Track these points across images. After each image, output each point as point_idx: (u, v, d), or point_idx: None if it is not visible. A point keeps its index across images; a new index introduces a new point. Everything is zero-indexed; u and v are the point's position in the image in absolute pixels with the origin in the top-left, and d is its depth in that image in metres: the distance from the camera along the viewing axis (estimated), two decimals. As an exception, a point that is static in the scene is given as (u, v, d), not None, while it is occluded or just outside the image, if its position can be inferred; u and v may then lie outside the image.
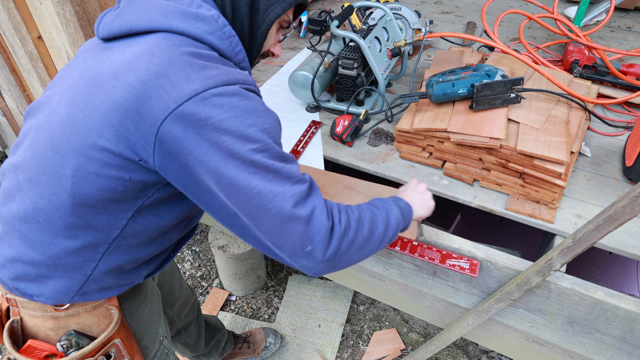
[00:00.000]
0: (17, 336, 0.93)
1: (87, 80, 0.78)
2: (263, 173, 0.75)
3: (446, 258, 1.22)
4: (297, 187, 0.78)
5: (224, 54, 0.82)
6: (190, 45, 0.77)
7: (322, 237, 0.79)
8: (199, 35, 0.79)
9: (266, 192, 0.75)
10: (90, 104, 0.76)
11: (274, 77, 1.89)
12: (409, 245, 1.25)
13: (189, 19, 0.78)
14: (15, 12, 1.74)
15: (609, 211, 0.85)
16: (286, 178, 0.77)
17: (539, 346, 1.32)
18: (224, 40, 0.82)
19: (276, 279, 2.35)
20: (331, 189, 1.37)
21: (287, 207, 0.76)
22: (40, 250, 0.85)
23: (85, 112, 0.76)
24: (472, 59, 1.68)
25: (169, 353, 1.18)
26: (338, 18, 1.51)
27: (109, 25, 0.82)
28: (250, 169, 0.74)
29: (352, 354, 2.02)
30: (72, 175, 0.78)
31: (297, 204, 0.77)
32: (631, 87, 1.63)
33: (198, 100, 0.72)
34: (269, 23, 0.88)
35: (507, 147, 1.23)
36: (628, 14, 2.39)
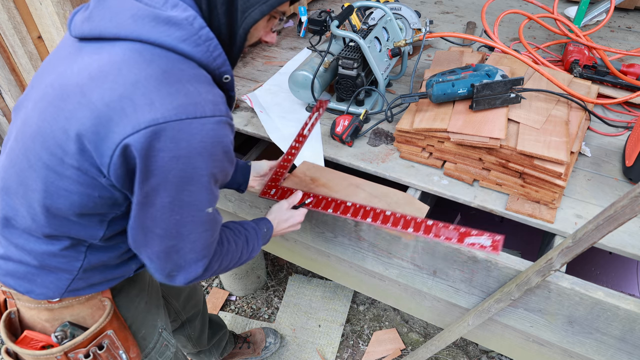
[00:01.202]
0: (15, 327, 0.95)
1: (56, 91, 0.77)
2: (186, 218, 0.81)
3: (464, 236, 1.15)
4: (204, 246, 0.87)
5: (200, 61, 0.77)
6: (162, 59, 0.73)
7: (189, 276, 0.88)
8: (171, 45, 0.74)
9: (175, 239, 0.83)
10: (57, 119, 0.75)
11: (274, 77, 1.89)
12: (423, 225, 1.17)
13: (160, 25, 0.73)
14: (15, 12, 1.74)
15: (609, 211, 0.85)
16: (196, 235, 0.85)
17: (539, 346, 1.32)
18: (200, 46, 0.76)
19: (276, 279, 2.35)
20: (336, 186, 1.37)
21: (192, 251, 0.85)
22: (25, 251, 0.87)
23: (53, 128, 0.75)
24: (472, 59, 1.68)
25: (169, 344, 1.18)
26: (338, 18, 1.51)
27: (79, 27, 0.78)
28: (173, 211, 0.79)
29: (352, 354, 2.02)
30: (44, 190, 0.79)
31: (200, 252, 0.86)
32: (631, 87, 1.63)
33: (156, 130, 0.70)
34: (247, 27, 0.82)
35: (507, 147, 1.23)
36: (628, 14, 2.39)
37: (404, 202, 1.31)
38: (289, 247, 1.69)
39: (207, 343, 1.71)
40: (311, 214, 1.41)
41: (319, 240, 1.49)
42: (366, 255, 1.41)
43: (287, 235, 1.61)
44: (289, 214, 1.20)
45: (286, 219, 1.19)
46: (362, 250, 1.41)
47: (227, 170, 0.83)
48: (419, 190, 1.37)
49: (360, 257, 1.44)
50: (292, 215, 1.20)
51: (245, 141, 2.02)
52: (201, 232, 0.83)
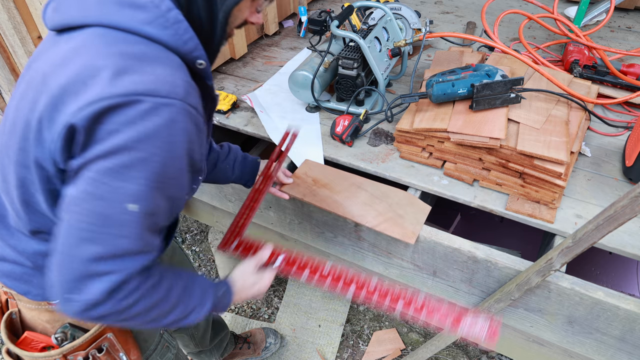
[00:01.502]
0: (16, 328, 0.94)
1: (28, 84, 0.75)
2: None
3: (458, 320, 0.96)
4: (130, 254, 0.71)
5: (168, 44, 0.72)
6: (123, 42, 0.69)
7: (86, 297, 0.69)
8: (134, 28, 0.70)
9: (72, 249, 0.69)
10: (24, 111, 0.73)
11: (274, 77, 1.89)
12: (412, 303, 0.99)
13: (125, 9, 0.70)
14: (15, 12, 1.74)
15: (609, 211, 0.85)
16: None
17: (539, 346, 1.32)
18: (168, 29, 0.71)
19: (276, 279, 2.35)
20: (337, 186, 1.37)
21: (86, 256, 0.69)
22: (18, 252, 0.86)
23: (20, 121, 0.74)
24: (472, 59, 1.68)
25: (170, 346, 1.18)
26: (338, 18, 1.51)
27: (50, 19, 0.76)
28: (94, 195, 0.67)
29: (352, 354, 2.02)
30: (20, 186, 0.77)
31: (105, 261, 0.69)
32: (631, 87, 1.63)
33: (100, 109, 0.64)
34: (228, 9, 0.77)
35: (507, 147, 1.23)
36: (628, 14, 2.39)
37: (406, 203, 1.31)
38: (289, 247, 1.69)
39: (209, 343, 1.71)
40: (311, 213, 1.41)
41: (319, 240, 1.49)
42: (366, 255, 1.41)
43: (287, 236, 1.61)
44: (255, 279, 1.00)
45: (251, 284, 0.99)
46: (362, 250, 1.41)
47: (177, 165, 0.71)
48: (419, 190, 1.37)
49: (360, 257, 1.44)
50: (259, 280, 1.00)
51: (245, 141, 2.02)
52: (115, 234, 0.68)
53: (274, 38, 2.24)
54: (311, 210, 1.39)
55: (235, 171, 1.26)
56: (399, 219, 1.27)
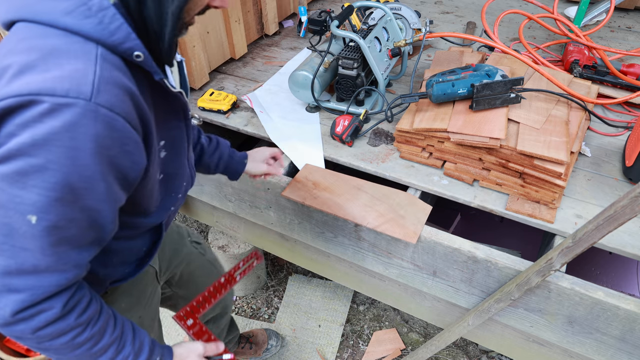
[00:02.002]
0: None
1: None
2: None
3: None
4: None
5: (90, 35, 0.63)
6: (36, 36, 0.62)
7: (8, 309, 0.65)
8: (52, 20, 0.62)
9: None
10: None
11: (274, 77, 1.89)
12: None
13: (46, 1, 0.63)
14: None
15: (609, 211, 0.85)
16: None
17: (539, 346, 1.32)
18: (89, 18, 0.62)
19: (276, 279, 2.35)
20: (338, 189, 1.37)
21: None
22: None
23: None
24: (472, 59, 1.68)
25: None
26: (338, 18, 1.51)
27: None
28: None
29: (352, 354, 2.02)
30: None
31: (6, 276, 0.64)
32: (631, 87, 1.63)
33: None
34: (180, 5, 0.68)
35: (507, 147, 1.23)
36: (628, 14, 2.39)
37: (406, 203, 1.31)
38: (289, 247, 1.69)
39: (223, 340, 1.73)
40: (311, 213, 1.41)
41: (319, 240, 1.49)
42: (366, 255, 1.41)
43: (287, 235, 1.61)
44: None
45: None
46: (362, 250, 1.41)
47: (85, 174, 0.62)
48: (419, 191, 1.37)
49: (360, 257, 1.44)
50: None
51: (245, 141, 2.02)
52: (18, 246, 0.62)
53: (274, 38, 2.24)
54: (311, 210, 1.39)
55: (218, 168, 1.23)
56: (400, 219, 1.27)
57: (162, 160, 0.84)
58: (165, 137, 0.83)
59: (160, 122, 0.80)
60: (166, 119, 0.82)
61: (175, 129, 0.86)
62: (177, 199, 0.95)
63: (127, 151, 0.66)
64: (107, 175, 0.65)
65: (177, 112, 0.85)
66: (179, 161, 0.91)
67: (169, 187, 0.91)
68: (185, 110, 0.87)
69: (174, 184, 0.92)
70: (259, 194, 1.51)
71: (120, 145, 0.65)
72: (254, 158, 1.29)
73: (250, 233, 1.77)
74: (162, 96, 0.77)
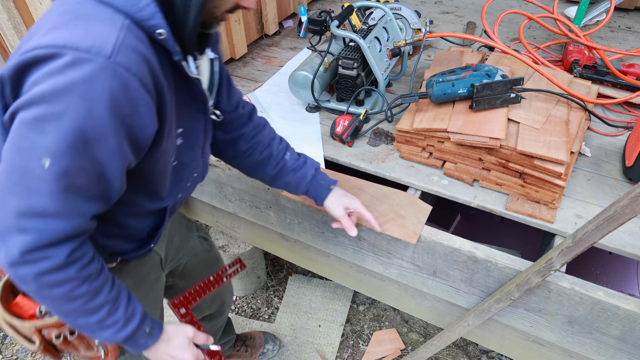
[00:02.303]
0: (16, 291, 0.92)
1: None
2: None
3: None
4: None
5: (120, 8, 0.69)
6: (74, 4, 0.69)
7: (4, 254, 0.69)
8: None
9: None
10: None
11: (274, 77, 1.89)
12: None
13: None
14: (15, 12, 1.74)
15: (609, 211, 0.85)
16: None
17: (539, 346, 1.32)
18: None
19: (276, 279, 2.35)
20: None
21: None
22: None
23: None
24: (472, 59, 1.68)
25: None
26: (338, 18, 1.51)
27: None
28: (12, 150, 0.67)
29: (352, 354, 2.02)
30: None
31: (19, 218, 0.68)
32: (631, 87, 1.63)
33: (24, 61, 0.65)
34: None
35: (507, 147, 1.23)
36: (628, 14, 2.39)
37: (406, 203, 1.31)
38: (289, 247, 1.69)
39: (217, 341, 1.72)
40: (311, 213, 1.41)
41: (319, 240, 1.49)
42: (366, 255, 1.41)
43: (288, 235, 1.61)
44: (184, 345, 0.93)
45: (177, 347, 0.92)
46: (362, 250, 1.41)
47: (98, 126, 0.66)
48: (419, 191, 1.37)
49: (360, 257, 1.44)
50: (185, 351, 0.93)
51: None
52: (31, 188, 0.66)
53: (274, 38, 2.24)
54: (311, 210, 1.39)
55: (299, 190, 1.18)
56: (400, 219, 1.27)
57: (178, 147, 0.89)
58: (183, 126, 0.88)
59: (181, 107, 0.84)
60: (186, 106, 0.86)
61: (194, 120, 0.91)
62: (185, 188, 0.98)
63: (139, 112, 0.70)
64: (118, 131, 0.69)
65: (196, 101, 0.89)
66: (193, 152, 0.95)
67: (180, 175, 0.95)
68: (205, 103, 0.91)
69: (185, 173, 0.96)
70: (259, 194, 1.51)
71: (133, 105, 0.69)
72: (338, 195, 1.18)
73: (250, 233, 1.77)
74: (182, 80, 0.82)
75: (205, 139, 0.98)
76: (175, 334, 0.93)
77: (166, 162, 0.86)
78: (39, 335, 0.89)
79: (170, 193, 0.95)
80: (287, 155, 1.17)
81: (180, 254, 1.33)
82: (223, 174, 1.55)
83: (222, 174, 1.56)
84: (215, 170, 1.56)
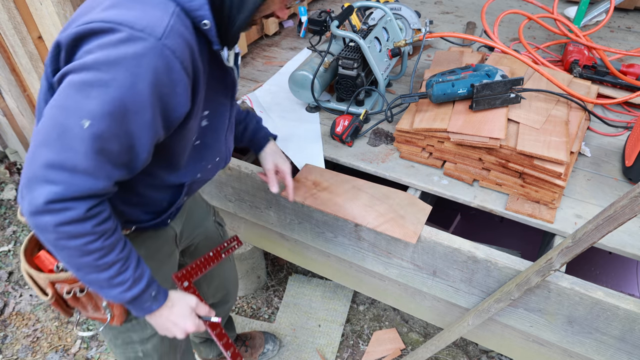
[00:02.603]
0: (40, 246, 0.98)
1: None
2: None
3: None
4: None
5: None
6: None
7: (31, 200, 0.73)
8: None
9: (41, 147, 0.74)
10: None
11: (274, 77, 1.89)
12: None
13: None
14: (15, 12, 1.74)
15: (609, 211, 0.85)
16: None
17: (539, 346, 1.32)
18: None
19: (276, 279, 2.35)
20: (338, 189, 1.37)
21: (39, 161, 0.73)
22: None
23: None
24: (472, 59, 1.69)
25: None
26: (338, 18, 1.52)
27: None
28: (56, 107, 0.73)
29: (352, 353, 2.02)
30: (37, 101, 0.87)
31: (51, 170, 0.73)
32: (631, 87, 1.63)
33: (82, 31, 0.72)
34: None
35: (507, 147, 1.23)
36: (628, 14, 2.39)
37: (406, 203, 1.31)
38: (289, 247, 1.69)
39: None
40: (311, 213, 1.41)
41: (319, 240, 1.49)
42: (366, 255, 1.42)
43: (287, 235, 1.61)
44: (187, 314, 0.97)
45: (180, 315, 0.96)
46: (362, 250, 1.41)
47: (138, 99, 0.72)
48: (419, 190, 1.37)
49: (360, 257, 1.44)
50: (187, 318, 0.97)
51: (245, 141, 2.03)
52: (67, 144, 0.72)
53: (274, 38, 2.24)
54: (311, 210, 1.39)
55: (243, 140, 1.29)
56: (400, 219, 1.27)
57: (202, 129, 0.95)
58: (210, 109, 0.94)
59: (211, 92, 0.91)
60: (216, 92, 0.93)
61: (221, 105, 0.98)
62: (205, 169, 1.02)
63: (176, 92, 0.76)
64: (155, 107, 0.75)
65: (226, 88, 0.96)
66: (217, 135, 1.01)
67: (201, 155, 1.00)
68: (233, 91, 0.99)
69: (206, 154, 1.01)
70: (259, 194, 1.51)
71: (172, 85, 0.75)
72: (272, 151, 1.29)
73: (250, 233, 1.77)
74: (217, 67, 0.90)
75: (229, 126, 1.04)
76: (178, 302, 0.97)
77: (188, 140, 0.91)
78: (52, 288, 0.95)
79: (189, 170, 0.99)
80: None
81: (195, 234, 1.35)
82: (223, 174, 1.55)
83: (222, 174, 1.56)
84: (216, 170, 1.56)
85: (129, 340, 1.14)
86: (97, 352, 2.03)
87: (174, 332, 0.97)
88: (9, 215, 2.67)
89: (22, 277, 2.35)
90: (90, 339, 2.08)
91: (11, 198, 2.74)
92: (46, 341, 2.08)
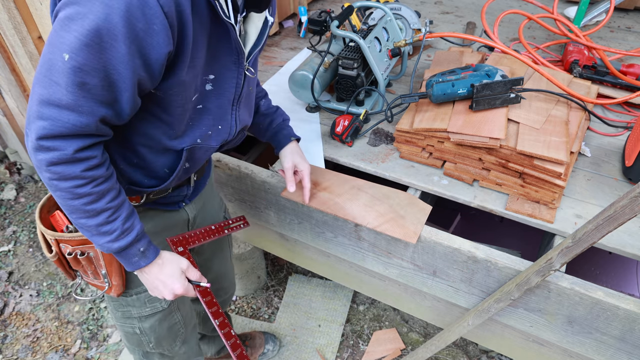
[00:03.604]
0: (58, 207, 1.01)
1: None
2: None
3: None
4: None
5: None
6: None
7: (28, 137, 0.77)
8: None
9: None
10: None
11: (274, 77, 1.89)
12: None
13: None
14: (15, 12, 1.74)
15: (609, 211, 0.85)
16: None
17: (539, 346, 1.32)
18: None
19: (276, 279, 2.35)
20: (338, 189, 1.37)
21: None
22: None
23: None
24: (472, 59, 1.69)
25: (155, 300, 1.15)
26: (338, 18, 1.52)
27: None
28: (47, 44, 0.75)
29: (352, 353, 2.02)
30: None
31: (39, 107, 0.76)
32: (631, 87, 1.63)
33: None
34: None
35: (507, 147, 1.23)
36: (628, 14, 2.39)
37: (407, 203, 1.31)
38: (289, 247, 1.69)
39: (212, 331, 1.72)
40: (311, 213, 1.41)
41: (319, 240, 1.49)
42: (366, 255, 1.42)
43: (288, 235, 1.61)
44: (177, 274, 0.98)
45: (170, 275, 0.97)
46: (362, 250, 1.41)
47: (112, 32, 0.73)
48: (418, 190, 1.37)
49: (360, 257, 1.44)
50: (177, 280, 0.98)
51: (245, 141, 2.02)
52: (52, 79, 0.74)
53: (274, 38, 2.24)
54: (311, 210, 1.39)
55: (266, 134, 1.30)
56: (400, 219, 1.27)
57: (207, 92, 0.94)
58: (215, 73, 0.93)
59: (214, 54, 0.90)
60: (221, 54, 0.92)
61: (227, 70, 0.95)
62: (206, 136, 1.00)
63: (152, 30, 0.75)
64: (130, 41, 0.75)
65: (230, 49, 0.93)
66: (221, 102, 0.98)
67: (203, 120, 0.98)
68: (240, 54, 0.94)
69: (208, 120, 0.99)
70: (259, 194, 1.51)
71: (147, 21, 0.74)
72: (293, 150, 1.28)
73: (250, 233, 1.77)
74: (220, 27, 0.87)
75: (237, 93, 1.01)
76: (169, 262, 0.98)
77: (186, 99, 0.90)
78: (57, 247, 0.98)
79: (187, 134, 0.97)
80: (262, 101, 1.29)
81: (205, 224, 1.34)
82: (223, 174, 1.55)
83: (222, 174, 1.56)
84: (216, 170, 1.56)
85: (128, 315, 1.15)
86: (97, 352, 2.03)
87: (162, 291, 0.98)
88: (9, 215, 2.67)
89: (22, 277, 2.36)
90: (90, 339, 2.08)
91: (11, 198, 2.75)
92: (46, 341, 2.08)
